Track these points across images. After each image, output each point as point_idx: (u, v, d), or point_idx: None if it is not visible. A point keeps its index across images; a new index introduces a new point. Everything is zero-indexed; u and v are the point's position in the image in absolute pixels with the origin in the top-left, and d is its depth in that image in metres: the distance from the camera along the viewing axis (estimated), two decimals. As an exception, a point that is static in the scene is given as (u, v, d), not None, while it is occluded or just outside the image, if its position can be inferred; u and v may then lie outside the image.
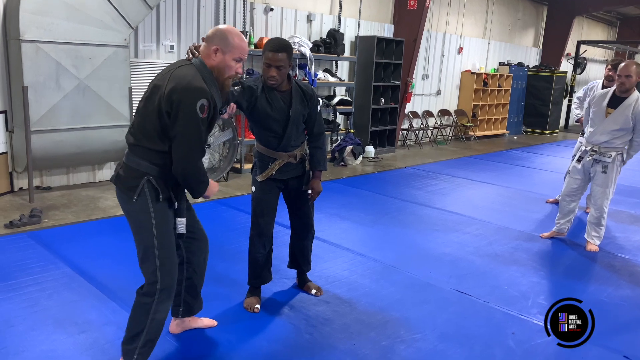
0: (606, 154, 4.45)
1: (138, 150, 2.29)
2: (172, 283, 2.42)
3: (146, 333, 2.38)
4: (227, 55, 2.31)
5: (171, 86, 2.19)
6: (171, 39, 6.60)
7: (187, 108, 2.16)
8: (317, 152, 3.23)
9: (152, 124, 2.24)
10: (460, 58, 11.60)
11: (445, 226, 5.19)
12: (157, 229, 2.32)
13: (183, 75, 2.22)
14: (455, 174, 7.79)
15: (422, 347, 2.94)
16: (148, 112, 2.25)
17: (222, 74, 2.34)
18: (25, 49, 4.96)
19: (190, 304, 2.83)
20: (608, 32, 17.76)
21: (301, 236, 3.42)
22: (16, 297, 3.25)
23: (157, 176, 2.28)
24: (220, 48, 2.30)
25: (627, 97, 4.37)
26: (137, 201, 2.28)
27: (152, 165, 2.27)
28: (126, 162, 2.33)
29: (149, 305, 2.37)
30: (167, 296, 2.41)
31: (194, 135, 2.21)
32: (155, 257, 2.35)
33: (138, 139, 2.29)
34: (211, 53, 2.31)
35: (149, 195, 2.28)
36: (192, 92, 2.17)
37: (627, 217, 5.85)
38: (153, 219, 2.31)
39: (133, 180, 2.28)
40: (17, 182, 5.64)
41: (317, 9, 8.44)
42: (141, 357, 2.42)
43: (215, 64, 2.32)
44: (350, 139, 8.26)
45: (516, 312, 3.41)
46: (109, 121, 5.64)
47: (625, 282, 4.04)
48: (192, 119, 2.17)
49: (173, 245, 2.42)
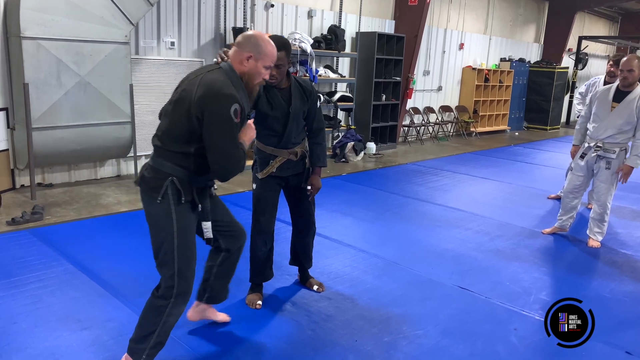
0: (610, 150, 4.44)
1: (164, 152, 2.30)
2: (189, 289, 2.41)
3: (157, 335, 2.38)
4: (259, 62, 2.34)
5: (201, 92, 2.20)
6: (172, 36, 6.59)
7: (221, 115, 2.18)
8: (316, 148, 3.22)
9: (180, 127, 2.26)
10: (461, 54, 11.57)
11: (447, 222, 5.18)
12: (178, 234, 2.32)
13: (213, 80, 2.23)
14: (457, 170, 7.78)
15: (424, 343, 2.94)
16: (176, 115, 2.27)
17: (252, 80, 2.36)
18: (26, 46, 4.96)
19: (217, 292, 2.84)
20: (609, 27, 17.70)
21: (303, 233, 3.42)
22: (19, 294, 3.25)
23: (181, 178, 2.29)
24: (253, 55, 2.32)
25: (630, 91, 4.37)
26: (160, 203, 2.28)
27: (177, 166, 2.28)
28: (151, 164, 2.34)
29: (163, 308, 2.36)
30: (183, 301, 2.40)
31: (230, 140, 2.23)
32: (174, 262, 2.33)
33: (164, 141, 2.30)
34: (243, 59, 2.32)
35: (172, 197, 2.28)
36: (224, 99, 2.19)
37: (629, 213, 5.85)
38: (175, 223, 2.30)
39: (157, 181, 2.28)
40: (19, 179, 5.64)
41: (318, 5, 8.42)
42: (149, 358, 2.42)
43: (246, 70, 2.34)
44: (351, 135, 8.26)
45: (518, 308, 3.41)
46: (110, 118, 5.63)
47: (627, 278, 4.04)
48: (227, 124, 2.19)
49: (192, 250, 2.41)
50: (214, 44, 7.01)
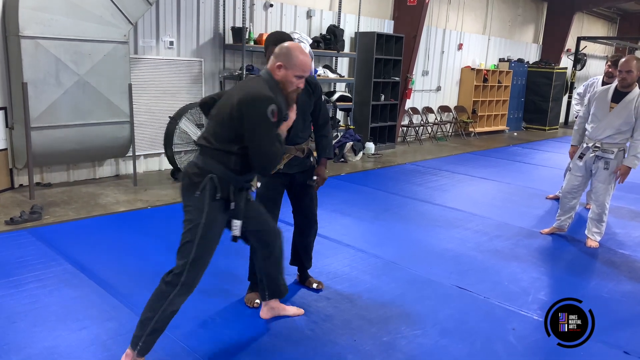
0: (609, 150, 4.45)
1: (208, 151, 2.49)
2: (195, 282, 2.50)
3: (155, 321, 2.45)
4: (289, 71, 2.53)
5: (240, 96, 2.43)
6: (171, 35, 6.58)
7: (259, 115, 2.38)
8: (323, 140, 3.29)
9: (224, 128, 2.47)
10: (460, 54, 11.58)
11: (445, 222, 5.19)
12: (204, 228, 2.45)
13: (251, 86, 2.48)
14: (456, 170, 7.79)
15: (423, 342, 2.94)
16: (220, 118, 2.49)
17: (286, 88, 2.56)
18: (25, 45, 4.95)
19: (273, 288, 3.00)
20: (608, 28, 17.74)
21: (305, 232, 3.43)
22: (17, 294, 3.25)
23: (220, 176, 2.46)
24: (283, 64, 2.53)
25: (629, 91, 4.38)
26: (198, 197, 2.44)
27: (219, 164, 2.47)
28: (195, 161, 2.53)
29: (167, 294, 2.45)
30: (186, 291, 2.48)
31: (267, 137, 2.42)
32: (191, 253, 2.45)
33: (210, 141, 2.49)
34: (275, 68, 2.54)
35: (209, 192, 2.44)
36: (261, 100, 2.40)
37: (627, 213, 5.86)
38: (204, 217, 2.44)
39: (198, 177, 2.46)
40: (17, 178, 5.63)
41: (317, 5, 8.42)
42: (145, 345, 2.48)
43: (279, 78, 2.55)
44: (350, 135, 8.26)
45: (517, 308, 3.41)
46: (109, 117, 5.63)
47: (625, 278, 4.04)
48: (264, 123, 2.39)
49: (212, 247, 2.53)
50: (213, 43, 7.00)
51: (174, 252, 2.36)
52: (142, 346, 2.47)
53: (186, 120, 6.11)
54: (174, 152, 6.17)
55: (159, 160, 6.83)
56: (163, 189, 5.92)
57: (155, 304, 2.46)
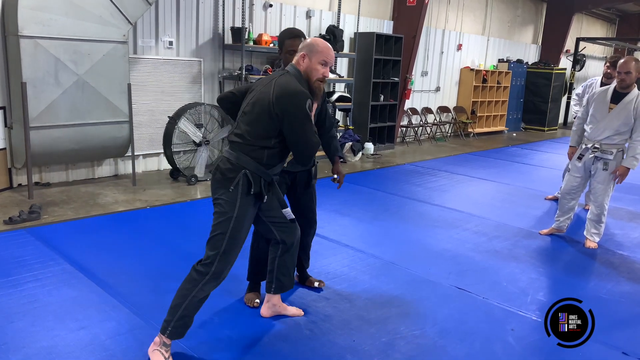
0: (608, 151, 4.46)
1: (241, 147, 2.59)
2: (225, 272, 2.61)
3: (184, 308, 2.55)
4: (312, 59, 2.63)
5: (279, 92, 2.52)
6: (170, 35, 6.58)
7: (300, 110, 2.50)
8: (333, 141, 3.38)
9: (261, 123, 2.56)
10: (459, 55, 11.59)
11: (444, 223, 5.19)
12: (235, 221, 2.56)
13: (287, 82, 2.57)
14: (455, 171, 7.79)
15: (422, 343, 2.94)
16: (256, 115, 2.57)
17: (311, 77, 2.65)
18: (24, 45, 4.95)
19: (282, 281, 3.04)
20: (607, 29, 17.76)
21: (305, 232, 3.43)
22: (16, 294, 3.24)
23: (254, 170, 2.57)
24: (306, 54, 2.64)
25: (628, 92, 4.39)
26: (232, 192, 2.55)
27: (251, 159, 2.57)
28: (228, 157, 2.62)
29: (197, 282, 2.55)
30: (215, 279, 2.58)
31: (308, 129, 2.54)
32: (222, 245, 2.55)
33: (244, 137, 2.59)
34: (300, 60, 2.65)
35: (242, 187, 2.56)
36: (299, 96, 2.51)
37: (625, 214, 5.87)
38: (236, 211, 2.56)
39: (232, 173, 2.57)
40: (16, 178, 5.62)
41: (316, 5, 8.43)
42: (175, 330, 2.57)
43: (303, 68, 2.65)
44: (349, 136, 8.26)
45: (515, 309, 3.42)
46: (108, 117, 5.62)
47: (624, 278, 4.05)
48: (305, 117, 2.52)
49: (242, 239, 2.63)
50: (212, 43, 7.00)
51: (173, 251, 2.37)
52: (172, 330, 2.57)
53: (185, 120, 6.11)
54: (173, 152, 6.17)
55: (158, 160, 6.82)
56: (162, 188, 5.92)
57: (186, 291, 2.56)
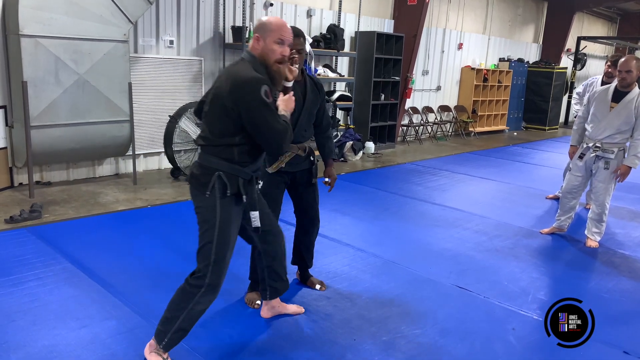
0: (609, 150, 4.45)
1: (209, 149, 2.44)
2: (220, 281, 2.50)
3: (181, 320, 2.47)
4: (267, 39, 2.41)
5: (230, 85, 2.34)
6: (171, 34, 6.58)
7: (254, 99, 2.29)
8: (328, 142, 3.34)
9: (221, 122, 2.39)
10: (460, 54, 11.58)
11: (445, 222, 5.19)
12: (220, 227, 2.43)
13: (237, 71, 2.38)
14: (455, 170, 7.79)
15: (422, 342, 2.94)
16: (215, 113, 2.41)
17: (269, 59, 2.43)
18: (25, 44, 4.95)
19: (275, 287, 3.00)
20: (608, 28, 17.73)
21: (309, 231, 3.43)
22: (17, 292, 3.25)
23: (227, 171, 2.41)
24: (260, 35, 2.43)
25: (629, 91, 4.39)
26: (209, 197, 2.41)
27: (222, 160, 2.41)
28: (199, 162, 2.48)
29: (193, 295, 2.45)
30: (212, 291, 2.49)
31: (269, 118, 2.33)
32: (211, 254, 2.43)
33: (208, 139, 2.44)
34: (255, 43, 2.44)
35: (218, 190, 2.40)
36: (251, 83, 2.31)
37: (627, 214, 5.86)
38: (218, 216, 2.42)
39: (205, 177, 2.41)
40: (17, 177, 5.63)
41: (317, 4, 8.42)
42: (171, 342, 2.50)
43: (259, 51, 2.43)
44: (350, 135, 8.25)
45: (516, 308, 3.42)
46: (108, 116, 5.62)
47: (625, 278, 4.05)
48: (261, 105, 2.30)
49: (231, 245, 2.51)
50: (212, 42, 7.00)
51: (173, 250, 2.37)
52: (168, 342, 2.50)
53: (186, 119, 6.11)
54: (174, 151, 6.17)
55: (158, 159, 6.82)
56: (163, 187, 5.92)
57: (182, 303, 2.46)
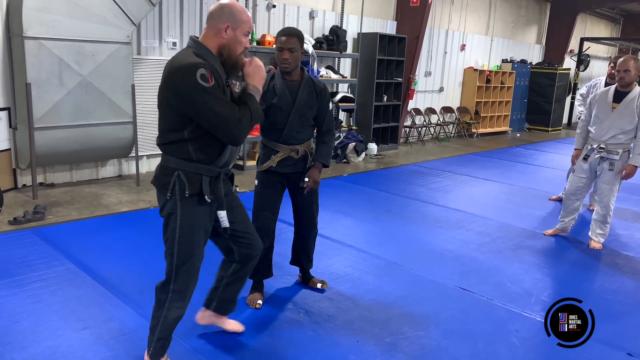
0: (613, 151, 4.45)
1: (166, 149, 2.29)
2: (187, 286, 2.39)
3: (159, 330, 2.41)
4: (237, 30, 2.26)
5: (165, 76, 2.20)
6: (174, 36, 6.59)
7: (191, 85, 2.10)
8: (322, 145, 3.23)
9: (167, 117, 2.25)
10: (463, 55, 11.57)
11: (448, 223, 5.18)
12: (180, 229, 2.29)
13: (173, 59, 2.23)
14: (458, 171, 7.78)
15: (425, 343, 2.94)
16: (161, 108, 2.26)
17: (235, 51, 2.28)
18: (28, 46, 4.96)
19: (225, 304, 2.78)
20: (611, 29, 17.69)
21: (304, 235, 3.43)
22: (21, 293, 3.26)
23: (187, 170, 2.25)
24: (230, 25, 2.24)
25: (629, 91, 4.40)
26: (170, 199, 2.27)
27: (180, 159, 2.25)
28: (160, 163, 2.34)
29: (163, 302, 2.38)
30: (180, 297, 2.39)
31: (214, 103, 2.13)
32: (174, 257, 2.33)
33: (162, 137, 2.29)
34: (221, 31, 2.24)
35: (178, 192, 2.26)
36: (184, 70, 2.13)
37: (630, 215, 5.84)
38: (178, 218, 2.28)
39: (165, 178, 2.27)
40: (20, 178, 5.64)
41: (320, 5, 8.43)
42: (155, 351, 2.46)
43: (225, 41, 2.26)
44: (352, 136, 8.26)
45: (519, 309, 3.41)
46: (111, 118, 5.64)
47: (629, 279, 4.03)
48: (202, 90, 2.11)
49: (197, 249, 2.37)
50: (215, 44, 7.00)
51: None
52: (153, 352, 2.45)
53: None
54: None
55: (161, 161, 6.83)
56: (166, 189, 5.92)
57: (155, 312, 2.41)
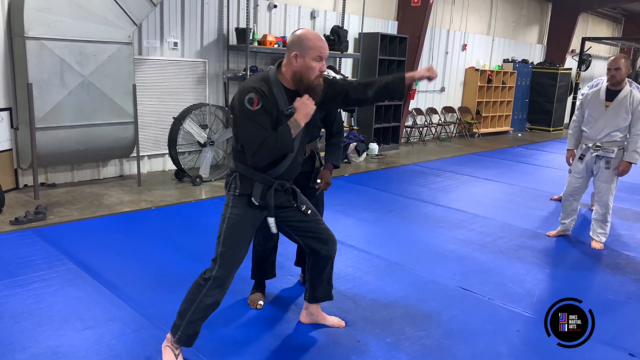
0: (609, 149, 4.45)
1: (233, 154, 2.64)
2: (227, 275, 2.55)
3: (192, 313, 2.53)
4: (306, 57, 2.45)
5: None
6: (175, 36, 6.60)
7: (239, 107, 2.42)
8: (333, 147, 3.30)
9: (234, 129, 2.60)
10: (464, 55, 11.56)
11: (449, 223, 5.18)
12: (228, 221, 2.55)
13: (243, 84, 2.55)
14: (459, 171, 7.77)
15: (427, 343, 2.94)
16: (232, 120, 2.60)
17: (308, 77, 2.48)
18: (30, 46, 4.97)
19: (313, 292, 2.97)
20: (613, 28, 17.67)
21: None
22: (22, 294, 3.26)
23: (242, 173, 2.56)
24: (298, 53, 2.45)
25: (620, 89, 4.43)
26: (227, 195, 2.60)
27: (239, 163, 2.57)
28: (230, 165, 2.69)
29: (202, 287, 2.53)
30: (219, 285, 2.53)
31: (247, 126, 2.42)
32: (219, 246, 2.54)
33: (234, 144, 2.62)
34: (292, 60, 2.47)
35: (232, 189, 2.57)
36: (240, 92, 2.44)
37: (631, 215, 5.83)
38: (228, 211, 2.57)
39: (228, 177, 2.63)
40: (22, 179, 5.65)
41: (321, 5, 8.43)
42: (183, 336, 2.56)
43: (297, 69, 2.47)
44: (354, 136, 8.26)
45: (521, 310, 3.40)
46: (113, 118, 5.64)
47: (630, 279, 4.03)
48: (243, 113, 2.41)
49: (241, 244, 2.57)
50: (216, 44, 7.02)
51: (178, 252, 2.38)
52: (180, 336, 2.55)
53: (190, 120, 6.12)
54: (178, 152, 6.18)
55: (162, 161, 6.84)
56: (167, 189, 5.93)
57: (191, 296, 2.54)
